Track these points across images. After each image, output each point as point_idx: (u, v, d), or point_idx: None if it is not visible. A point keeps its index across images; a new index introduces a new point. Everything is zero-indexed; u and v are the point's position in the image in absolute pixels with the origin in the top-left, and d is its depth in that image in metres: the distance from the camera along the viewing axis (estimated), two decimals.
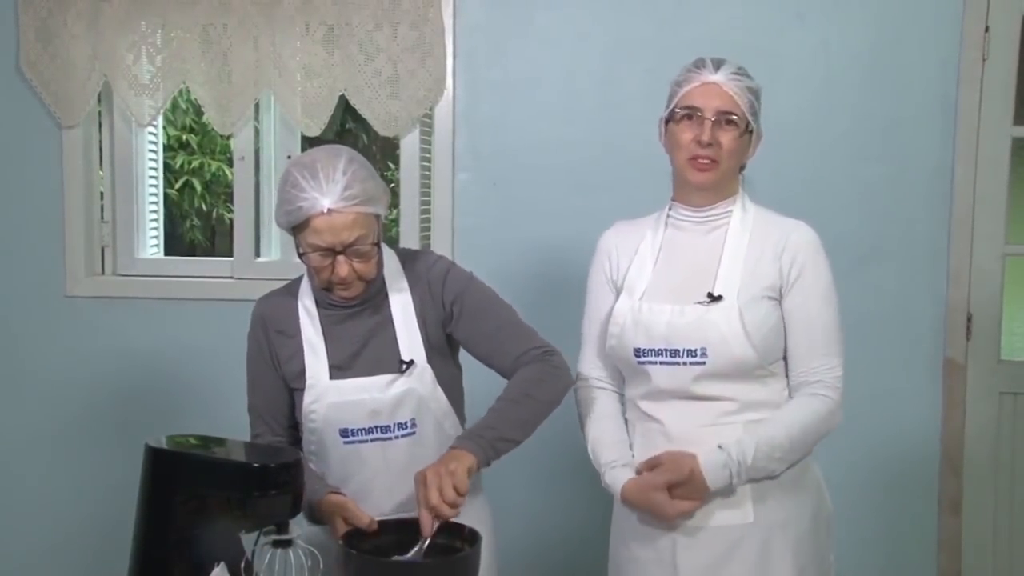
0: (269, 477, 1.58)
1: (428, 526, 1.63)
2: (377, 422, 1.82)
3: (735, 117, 1.80)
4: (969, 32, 2.74)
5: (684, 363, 1.79)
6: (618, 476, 1.83)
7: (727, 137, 1.79)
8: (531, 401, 1.78)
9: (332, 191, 1.71)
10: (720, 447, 1.75)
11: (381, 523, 1.72)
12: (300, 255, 1.79)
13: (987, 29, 2.74)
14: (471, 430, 1.76)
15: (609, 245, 1.96)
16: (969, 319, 2.81)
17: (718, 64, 1.82)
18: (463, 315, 1.86)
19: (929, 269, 2.81)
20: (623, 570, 1.92)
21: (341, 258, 1.74)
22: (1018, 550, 2.86)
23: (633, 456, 1.87)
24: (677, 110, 1.82)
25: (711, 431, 1.78)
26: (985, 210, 2.78)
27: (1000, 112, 2.76)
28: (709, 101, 1.80)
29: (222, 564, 1.61)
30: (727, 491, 1.77)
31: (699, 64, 1.84)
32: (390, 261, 1.88)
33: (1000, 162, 2.78)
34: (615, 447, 1.88)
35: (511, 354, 1.82)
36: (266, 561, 1.57)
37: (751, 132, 1.83)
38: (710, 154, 1.79)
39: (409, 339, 1.84)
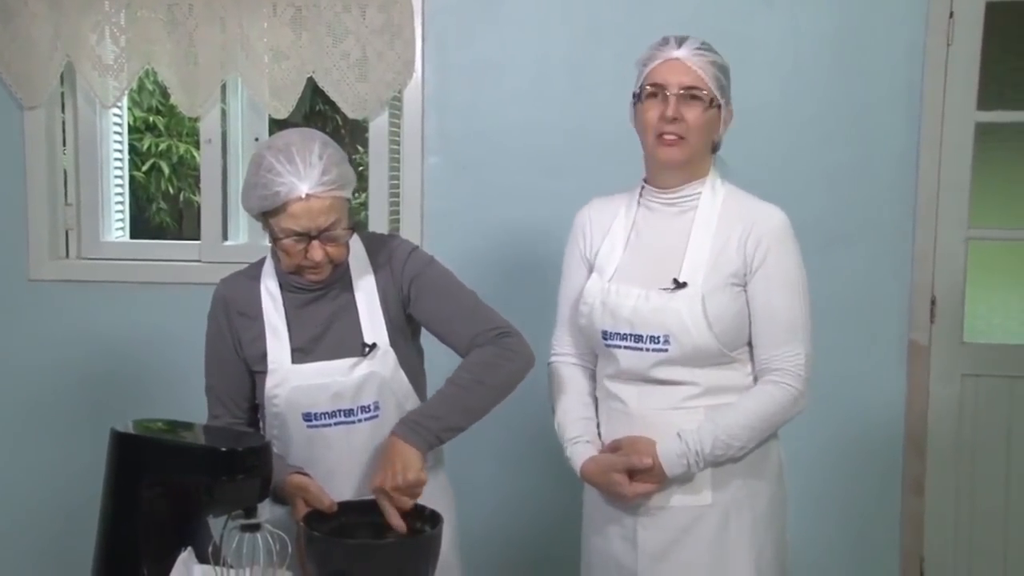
0: (237, 462, 1.58)
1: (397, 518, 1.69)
2: (340, 406, 1.82)
3: (700, 92, 1.79)
4: (934, 18, 2.77)
5: (647, 348, 1.80)
6: (579, 452, 1.87)
7: (693, 112, 1.79)
8: (481, 388, 1.78)
9: (310, 175, 1.70)
10: (679, 435, 1.77)
11: (342, 504, 1.72)
12: (273, 240, 1.78)
13: (951, 15, 2.77)
14: (417, 417, 1.76)
15: (584, 220, 1.97)
16: (933, 302, 2.85)
17: (681, 40, 1.82)
18: (421, 295, 1.86)
19: (894, 252, 2.84)
20: (592, 544, 1.96)
21: (316, 243, 1.74)
22: (979, 528, 2.92)
23: (600, 434, 1.90)
24: (644, 88, 1.82)
25: (673, 414, 1.81)
26: (949, 194, 2.82)
27: (964, 97, 2.79)
28: (673, 77, 1.79)
29: (190, 549, 1.61)
30: (686, 477, 1.80)
31: (663, 42, 1.84)
32: (355, 245, 1.87)
33: (964, 147, 2.81)
34: (579, 423, 1.91)
35: (467, 334, 1.82)
36: (234, 545, 1.56)
37: (719, 108, 1.83)
38: (676, 130, 1.79)
39: (372, 322, 1.84)
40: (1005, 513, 2.91)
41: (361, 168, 5.09)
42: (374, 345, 1.82)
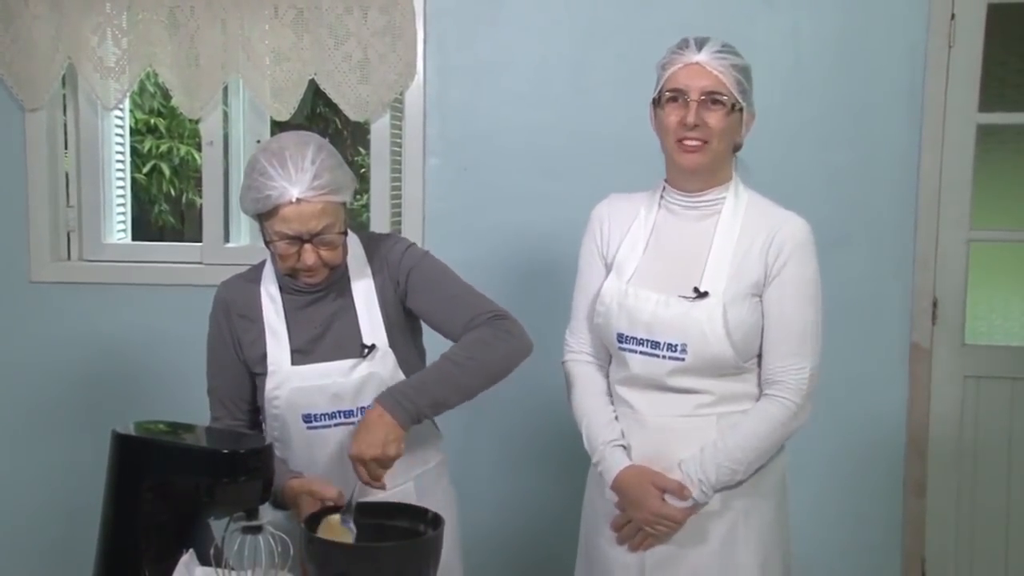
0: (238, 463, 1.58)
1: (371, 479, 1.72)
2: (340, 407, 1.82)
3: (721, 96, 1.77)
4: (935, 19, 2.77)
5: (663, 356, 1.78)
6: (617, 458, 1.82)
7: (714, 117, 1.77)
8: (473, 364, 1.76)
9: (301, 180, 1.70)
10: (679, 467, 1.75)
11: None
12: (266, 242, 1.78)
13: (953, 17, 2.77)
14: (404, 389, 1.73)
15: (602, 216, 1.93)
16: (935, 304, 2.85)
17: (701, 43, 1.80)
18: (417, 286, 1.85)
19: (895, 254, 2.84)
20: (594, 551, 1.93)
21: (308, 246, 1.74)
22: (980, 530, 2.91)
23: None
24: (663, 93, 1.80)
25: (685, 421, 1.79)
26: (951, 196, 2.81)
27: (965, 99, 2.79)
28: (693, 81, 1.77)
29: (191, 551, 1.61)
30: (696, 508, 1.78)
31: (683, 45, 1.81)
32: (354, 246, 1.87)
33: (965, 148, 2.81)
34: (611, 427, 1.85)
35: (461, 320, 1.81)
36: (236, 547, 1.56)
37: (740, 111, 1.81)
38: (697, 135, 1.77)
39: (371, 323, 1.84)
40: (1006, 514, 2.91)
41: (363, 170, 5.09)
42: (373, 346, 1.82)
